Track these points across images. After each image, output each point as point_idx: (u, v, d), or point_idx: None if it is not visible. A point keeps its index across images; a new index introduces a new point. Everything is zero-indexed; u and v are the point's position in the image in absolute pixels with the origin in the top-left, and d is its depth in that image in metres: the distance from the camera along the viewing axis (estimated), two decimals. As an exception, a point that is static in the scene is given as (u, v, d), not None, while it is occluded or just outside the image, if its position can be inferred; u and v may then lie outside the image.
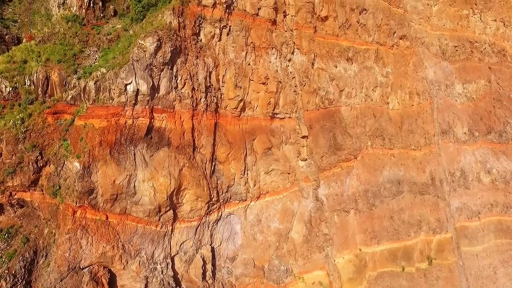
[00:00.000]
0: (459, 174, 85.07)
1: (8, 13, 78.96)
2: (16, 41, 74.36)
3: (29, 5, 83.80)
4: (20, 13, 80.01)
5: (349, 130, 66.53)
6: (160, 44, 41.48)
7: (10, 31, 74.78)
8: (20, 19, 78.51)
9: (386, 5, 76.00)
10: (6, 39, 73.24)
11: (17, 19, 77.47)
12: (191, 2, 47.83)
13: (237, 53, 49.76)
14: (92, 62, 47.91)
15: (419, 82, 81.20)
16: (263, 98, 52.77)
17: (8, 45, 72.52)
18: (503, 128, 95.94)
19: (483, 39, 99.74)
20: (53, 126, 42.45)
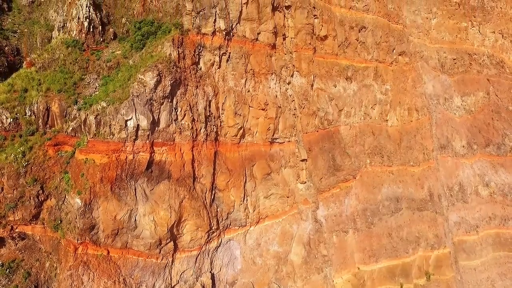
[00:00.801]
0: (457, 188, 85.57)
1: (7, 23, 79.19)
2: (16, 52, 74.73)
3: (28, 14, 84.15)
4: (19, 23, 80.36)
5: (348, 149, 66.87)
6: (160, 78, 41.70)
7: (10, 42, 75.09)
8: (20, 30, 78.83)
9: (386, 21, 76.14)
10: (5, 51, 73.60)
11: (17, 30, 77.75)
12: (191, 31, 48.03)
13: (237, 81, 49.99)
14: (92, 91, 48.16)
15: (418, 97, 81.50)
16: (263, 124, 53.04)
17: (8, 56, 72.89)
18: (502, 141, 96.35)
19: (481, 51, 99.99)
20: (54, 158, 42.74)
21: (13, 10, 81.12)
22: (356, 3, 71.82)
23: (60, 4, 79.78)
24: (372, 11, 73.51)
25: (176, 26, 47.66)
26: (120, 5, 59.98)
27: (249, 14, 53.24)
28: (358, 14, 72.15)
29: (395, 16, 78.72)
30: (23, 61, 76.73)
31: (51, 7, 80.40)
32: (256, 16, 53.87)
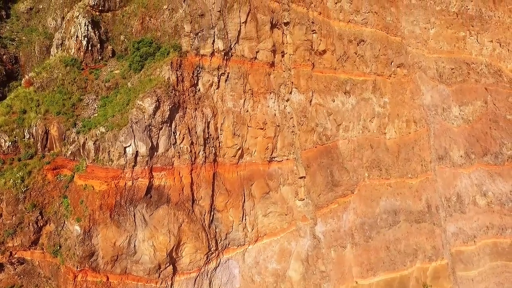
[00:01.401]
0: (455, 198, 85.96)
1: (5, 31, 79.08)
2: (14, 61, 74.65)
3: (26, 22, 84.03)
4: (17, 30, 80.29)
5: (346, 164, 67.09)
6: (159, 104, 41.79)
7: (8, 51, 75.04)
8: (18, 37, 78.76)
9: (384, 34, 76.27)
10: (3, 59, 73.60)
11: (15, 38, 77.67)
12: (189, 53, 48.08)
13: (235, 102, 50.11)
14: (90, 112, 48.20)
15: (416, 109, 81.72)
16: (261, 143, 53.19)
17: (6, 65, 72.80)
18: (499, 150, 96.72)
19: (479, 60, 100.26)
20: (53, 183, 42.83)
21: (11, 17, 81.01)
22: (354, 17, 71.92)
23: (59, 12, 79.98)
24: (370, 24, 73.63)
25: (175, 48, 47.65)
26: (118, 21, 59.90)
27: (248, 33, 53.32)
28: (357, 27, 72.28)
29: (393, 28, 78.84)
30: (21, 69, 77.01)
31: (49, 14, 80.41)
32: (254, 34, 53.95)
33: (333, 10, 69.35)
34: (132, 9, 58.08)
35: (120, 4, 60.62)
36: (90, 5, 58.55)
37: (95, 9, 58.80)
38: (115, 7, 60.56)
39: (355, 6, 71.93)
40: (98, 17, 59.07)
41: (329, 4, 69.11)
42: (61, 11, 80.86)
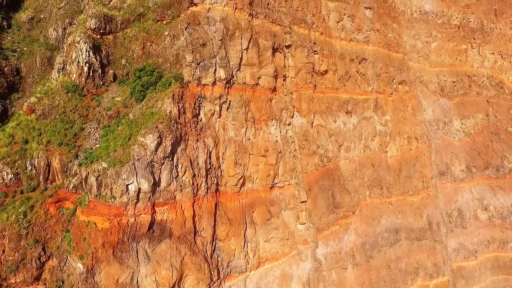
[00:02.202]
0: (456, 214, 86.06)
1: (7, 42, 78.96)
2: (15, 72, 74.58)
3: (27, 32, 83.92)
4: (19, 41, 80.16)
5: (348, 184, 67.12)
6: (161, 140, 41.77)
7: (9, 62, 74.94)
8: (19, 48, 78.63)
9: (386, 51, 76.12)
10: (5, 71, 73.49)
11: (16, 49, 77.58)
12: (191, 83, 48.01)
13: (237, 131, 50.07)
14: (92, 143, 48.18)
15: (418, 126, 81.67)
16: (263, 170, 53.20)
17: (7, 77, 72.66)
18: (500, 163, 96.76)
19: (481, 72, 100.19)
20: (55, 217, 42.87)
21: (12, 27, 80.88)
22: (356, 35, 71.78)
23: (60, 23, 79.89)
24: (372, 42, 73.50)
25: (176, 78, 47.56)
26: (119, 44, 59.76)
27: (250, 60, 53.24)
28: (359, 45, 72.15)
29: (395, 45, 78.67)
30: (23, 81, 76.85)
31: (50, 24, 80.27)
32: (256, 60, 53.87)
33: (334, 29, 69.21)
34: (133, 33, 57.91)
35: (121, 26, 60.49)
36: (91, 29, 58.39)
37: (96, 32, 58.65)
38: (116, 29, 60.43)
39: (357, 25, 71.77)
40: (99, 40, 58.92)
41: (331, 23, 68.97)
42: (62, 21, 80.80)
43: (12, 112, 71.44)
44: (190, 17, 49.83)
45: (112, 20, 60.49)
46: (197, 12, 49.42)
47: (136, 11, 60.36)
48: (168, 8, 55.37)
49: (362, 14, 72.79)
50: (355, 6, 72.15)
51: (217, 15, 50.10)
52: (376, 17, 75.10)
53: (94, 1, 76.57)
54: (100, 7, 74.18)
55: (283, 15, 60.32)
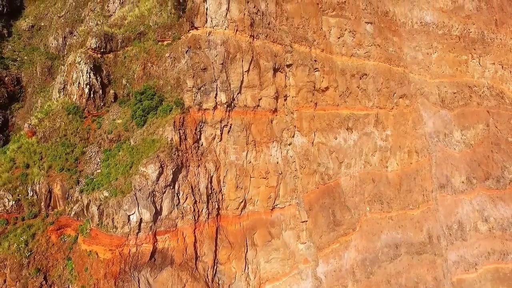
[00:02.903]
0: (456, 226, 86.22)
1: (7, 50, 79.12)
2: (16, 82, 74.72)
3: (28, 40, 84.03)
4: (19, 49, 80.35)
5: (348, 200, 67.21)
6: (162, 170, 41.82)
7: (10, 72, 75.16)
8: (20, 57, 78.80)
9: (387, 66, 76.07)
10: (5, 81, 73.69)
11: (17, 58, 77.76)
12: (192, 108, 48.02)
13: (238, 154, 50.09)
14: (93, 167, 48.24)
15: (418, 139, 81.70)
16: (264, 192, 53.27)
17: (8, 87, 72.82)
18: (501, 173, 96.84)
19: (481, 82, 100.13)
20: (57, 245, 43.00)
21: (13, 36, 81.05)
22: (357, 50, 71.71)
23: (60, 32, 79.95)
24: (373, 57, 73.43)
25: (177, 103, 47.54)
26: (120, 63, 59.77)
27: (251, 81, 53.20)
28: (359, 61, 72.09)
29: (396, 59, 78.59)
30: (24, 91, 76.98)
31: (50, 33, 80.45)
32: (257, 82, 53.83)
33: (335, 45, 69.13)
34: (134, 53, 57.89)
35: (122, 44, 60.46)
36: (92, 48, 58.31)
37: (96, 51, 58.59)
38: (117, 47, 60.41)
39: (357, 40, 71.69)
40: (100, 60, 58.87)
41: (332, 39, 68.90)
42: (63, 30, 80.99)
43: (12, 123, 71.81)
44: (191, 40, 49.77)
45: (112, 38, 60.42)
46: (198, 36, 49.35)
47: (137, 29, 60.34)
48: (169, 29, 55.38)
49: (363, 29, 72.70)
50: (356, 21, 72.04)
51: (218, 38, 50.02)
52: (377, 32, 75.02)
53: (94, 13, 76.70)
54: (101, 20, 74.43)
55: (284, 34, 60.23)
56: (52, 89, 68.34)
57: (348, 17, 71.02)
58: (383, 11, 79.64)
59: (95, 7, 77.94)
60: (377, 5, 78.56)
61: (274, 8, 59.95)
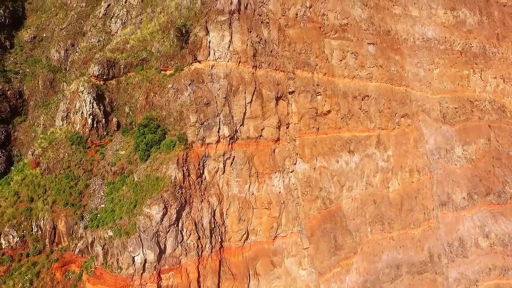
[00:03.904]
0: (457, 243, 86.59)
1: (9, 63, 79.43)
2: (18, 96, 75.02)
3: (30, 51, 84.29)
4: (21, 62, 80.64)
5: (349, 223, 67.57)
6: (166, 210, 42.15)
7: (12, 86, 75.51)
8: (22, 70, 79.09)
9: (389, 86, 76.20)
10: (8, 95, 74.03)
11: (19, 70, 78.07)
12: (195, 143, 48.25)
13: (241, 187, 50.41)
14: (97, 202, 48.59)
15: (420, 158, 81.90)
16: (266, 223, 53.62)
17: (10, 100, 73.17)
18: (502, 188, 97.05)
19: (483, 97, 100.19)
20: (61, 283, 43.40)
21: (15, 47, 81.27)
22: (359, 72, 71.82)
23: (62, 44, 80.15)
24: (375, 78, 73.56)
25: (180, 139, 47.76)
26: (122, 89, 59.90)
27: (253, 112, 53.44)
28: (361, 82, 72.23)
29: (397, 78, 78.69)
30: (26, 104, 77.29)
31: (52, 45, 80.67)
32: (260, 112, 54.07)
33: (337, 67, 69.26)
34: (137, 81, 57.98)
35: (124, 70, 60.60)
36: (95, 76, 58.46)
37: (99, 78, 58.73)
38: (119, 73, 60.56)
39: (360, 62, 71.80)
40: (102, 87, 58.99)
41: (334, 62, 69.02)
42: (64, 43, 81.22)
43: (15, 137, 72.14)
44: (193, 74, 49.95)
45: (115, 64, 60.52)
46: (201, 70, 49.54)
47: (139, 55, 60.42)
48: (171, 59, 55.47)
49: (365, 51, 72.73)
50: (358, 42, 72.08)
51: (221, 71, 50.19)
52: (379, 53, 75.07)
53: (96, 29, 76.84)
54: (103, 36, 74.52)
55: (287, 60, 60.36)
56: (54, 105, 68.76)
57: (350, 39, 71.08)
58: (385, 30, 79.63)
59: (97, 23, 78.15)
60: (379, 24, 78.55)
61: (277, 34, 60.10)
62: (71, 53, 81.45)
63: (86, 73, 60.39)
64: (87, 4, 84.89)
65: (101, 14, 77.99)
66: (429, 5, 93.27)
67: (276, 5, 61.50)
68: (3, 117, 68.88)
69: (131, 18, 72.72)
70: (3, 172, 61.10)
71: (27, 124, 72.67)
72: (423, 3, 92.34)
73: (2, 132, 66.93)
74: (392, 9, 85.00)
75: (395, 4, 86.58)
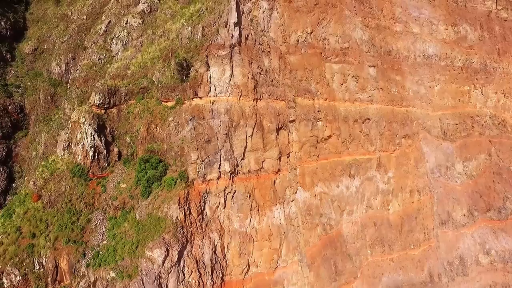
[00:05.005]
0: (457, 262, 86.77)
1: (11, 76, 79.88)
2: (19, 110, 75.49)
3: (31, 64, 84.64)
4: (22, 75, 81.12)
5: (350, 247, 67.83)
6: (168, 252, 42.47)
7: (13, 100, 76.03)
8: (23, 83, 79.50)
9: (389, 108, 76.23)
10: (9, 110, 74.56)
11: (20, 84, 78.50)
12: (196, 180, 48.47)
13: (242, 222, 50.69)
14: (99, 238, 48.91)
15: (420, 178, 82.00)
16: (267, 254, 53.92)
17: (11, 115, 73.67)
18: (503, 204, 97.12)
19: (484, 112, 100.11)
20: (64, 325, 43.76)
21: (16, 59, 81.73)
22: (360, 95, 71.86)
23: (63, 58, 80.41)
24: (376, 101, 73.61)
25: (181, 177, 48.02)
26: (123, 118, 60.13)
27: (254, 145, 53.61)
28: (362, 105, 72.28)
29: (398, 99, 78.70)
30: (27, 118, 77.65)
31: (53, 58, 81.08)
32: (261, 145, 54.24)
33: (338, 91, 69.29)
34: (137, 111, 58.17)
35: (125, 98, 60.86)
36: (96, 105, 58.62)
37: (100, 107, 58.91)
38: (120, 101, 60.82)
39: (361, 85, 71.81)
40: (103, 116, 59.24)
41: (335, 85, 69.05)
42: (65, 56, 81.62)
43: (16, 153, 72.48)
44: (194, 109, 50.07)
45: (116, 92, 60.75)
46: (202, 106, 49.69)
47: (140, 83, 60.56)
48: (172, 90, 55.56)
49: (366, 74, 72.67)
50: (359, 66, 72.02)
51: (221, 106, 50.33)
52: (380, 75, 75.02)
53: (97, 46, 76.95)
54: (103, 54, 74.56)
55: (288, 88, 60.42)
56: (55, 124, 69.01)
57: (351, 62, 71.04)
58: (386, 50, 79.53)
59: (98, 40, 78.31)
60: (380, 44, 78.47)
61: (278, 62, 60.12)
62: (72, 67, 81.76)
63: (87, 102, 60.50)
64: (87, 17, 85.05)
65: (102, 31, 78.18)
66: (430, 21, 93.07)
67: (277, 32, 61.50)
68: (5, 132, 69.40)
69: (131, 40, 72.82)
70: (5, 189, 61.53)
71: (28, 140, 73.06)
72: (424, 19, 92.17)
73: (3, 149, 67.47)
74: (393, 26, 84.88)
75: (396, 22, 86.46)
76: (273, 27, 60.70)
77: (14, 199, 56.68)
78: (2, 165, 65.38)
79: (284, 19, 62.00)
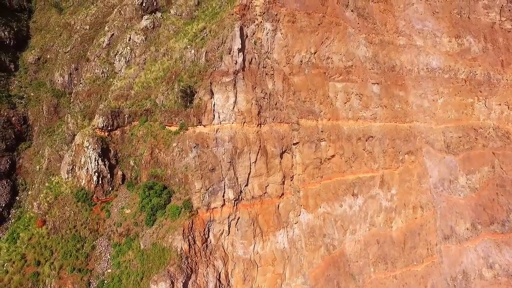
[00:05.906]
0: (461, 277, 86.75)
1: (14, 87, 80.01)
2: (23, 121, 75.75)
3: (34, 74, 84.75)
4: (26, 85, 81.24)
5: (353, 266, 67.89)
6: (173, 285, 42.56)
7: (16, 112, 76.19)
8: (26, 94, 79.63)
9: (393, 125, 76.05)
10: (13, 121, 74.75)
11: (23, 95, 78.62)
12: (200, 209, 48.52)
13: (246, 249, 50.74)
14: (104, 266, 49.09)
15: (423, 194, 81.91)
16: (270, 279, 54.01)
17: (15, 127, 73.87)
18: (506, 217, 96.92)
19: (487, 124, 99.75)
20: None
21: (19, 69, 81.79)
22: (363, 113, 71.70)
23: (66, 68, 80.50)
24: (379, 118, 73.44)
25: (186, 206, 48.06)
26: (127, 140, 60.18)
27: (258, 171, 53.58)
28: (366, 123, 72.12)
29: (402, 115, 78.50)
30: (30, 129, 77.78)
31: (56, 68, 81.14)
32: (264, 170, 54.23)
33: (342, 110, 69.14)
34: (141, 134, 58.17)
35: (129, 119, 60.89)
36: (99, 128, 58.66)
37: (103, 130, 58.94)
38: (124, 123, 60.86)
39: (364, 103, 71.64)
40: (107, 139, 59.27)
41: (338, 104, 68.90)
42: (68, 67, 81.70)
43: (19, 165, 72.58)
44: (198, 137, 50.04)
45: (119, 114, 60.78)
46: (206, 134, 49.64)
47: (144, 104, 60.53)
48: (176, 115, 55.50)
49: (369, 92, 72.52)
50: (363, 84, 71.85)
51: (225, 134, 50.29)
52: (384, 92, 74.84)
53: (100, 59, 77.07)
54: (106, 68, 74.51)
55: (291, 110, 60.34)
56: (59, 138, 69.00)
57: (355, 80, 70.86)
58: (390, 66, 79.28)
59: (101, 53, 78.30)
60: (384, 60, 78.23)
61: (281, 84, 59.97)
62: (75, 78, 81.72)
63: (91, 124, 60.52)
64: (90, 27, 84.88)
65: (105, 44, 78.06)
66: (433, 33, 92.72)
67: (281, 53, 61.35)
68: (8, 144, 69.48)
69: (134, 57, 72.77)
70: (8, 203, 61.55)
71: (31, 151, 73.22)
72: (428, 31, 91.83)
73: (7, 161, 67.49)
74: (397, 40, 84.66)
75: (400, 35, 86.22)
76: (276, 48, 60.54)
77: (18, 223, 56.75)
78: (6, 178, 65.44)
79: (288, 40, 61.82)
